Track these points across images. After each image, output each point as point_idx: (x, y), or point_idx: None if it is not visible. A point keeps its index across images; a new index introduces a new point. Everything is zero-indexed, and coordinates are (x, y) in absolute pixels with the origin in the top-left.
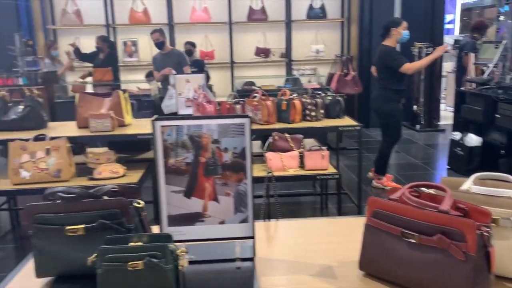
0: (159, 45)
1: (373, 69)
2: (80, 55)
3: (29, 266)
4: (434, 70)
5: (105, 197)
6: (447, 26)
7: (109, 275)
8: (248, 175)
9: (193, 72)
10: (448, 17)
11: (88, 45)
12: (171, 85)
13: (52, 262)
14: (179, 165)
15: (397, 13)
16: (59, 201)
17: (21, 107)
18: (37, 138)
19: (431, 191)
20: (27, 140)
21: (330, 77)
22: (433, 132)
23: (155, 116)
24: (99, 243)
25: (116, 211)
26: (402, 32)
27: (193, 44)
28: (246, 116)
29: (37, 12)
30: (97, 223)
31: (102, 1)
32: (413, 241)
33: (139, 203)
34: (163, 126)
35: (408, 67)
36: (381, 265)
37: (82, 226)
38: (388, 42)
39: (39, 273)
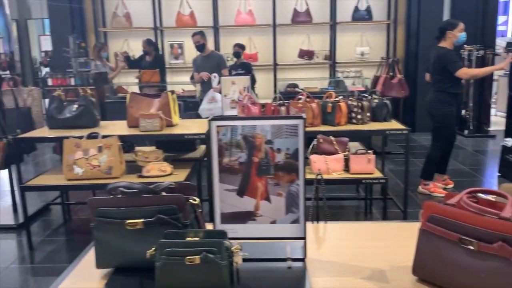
0: (200, 47)
1: (427, 77)
2: (130, 62)
3: (89, 257)
4: None
5: (163, 193)
6: (499, 28)
7: (167, 268)
8: (301, 176)
9: (239, 74)
10: (501, 19)
11: (137, 47)
12: (213, 88)
13: (111, 254)
14: (233, 164)
15: (446, 15)
16: (120, 195)
17: (75, 106)
18: (90, 136)
19: (490, 197)
20: (80, 137)
21: (376, 80)
22: (482, 138)
23: (212, 116)
24: (157, 237)
25: (173, 207)
26: (458, 34)
27: (242, 46)
28: (300, 118)
29: (89, 15)
30: (155, 218)
31: (151, 4)
32: (471, 248)
33: (195, 200)
34: (218, 126)
35: (465, 72)
36: (435, 271)
37: (141, 220)
38: (444, 44)
39: (99, 264)
